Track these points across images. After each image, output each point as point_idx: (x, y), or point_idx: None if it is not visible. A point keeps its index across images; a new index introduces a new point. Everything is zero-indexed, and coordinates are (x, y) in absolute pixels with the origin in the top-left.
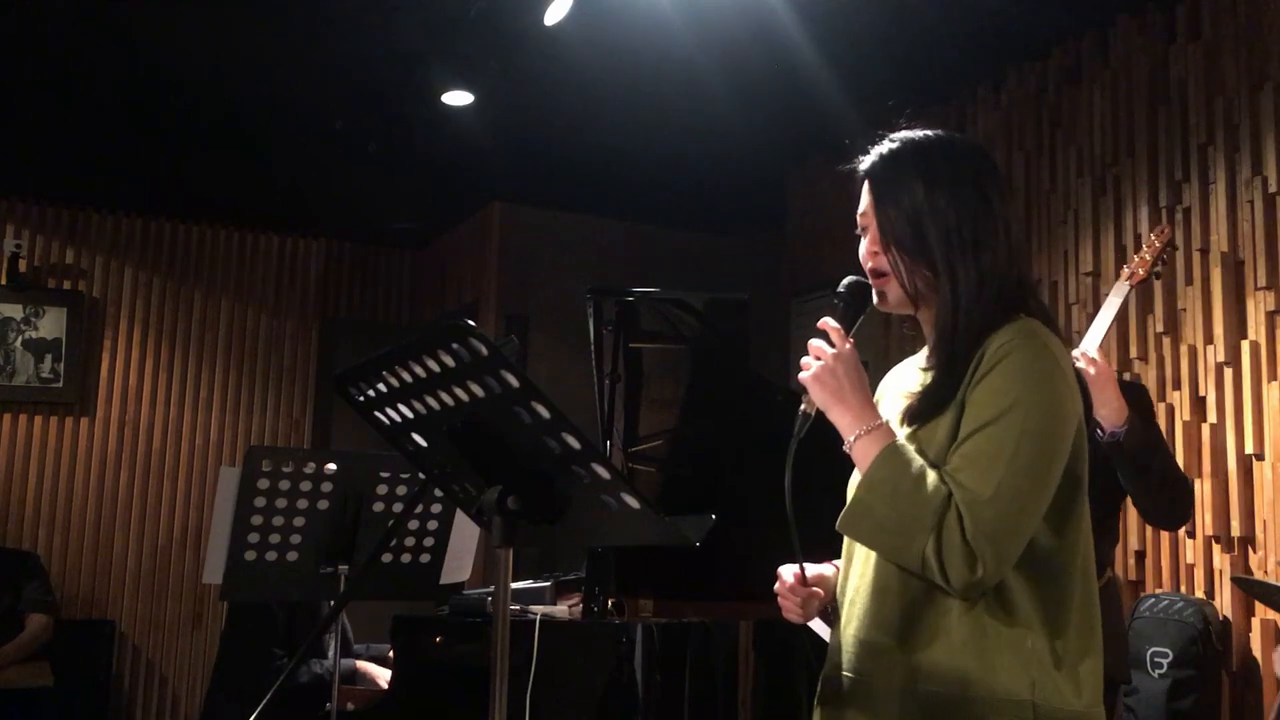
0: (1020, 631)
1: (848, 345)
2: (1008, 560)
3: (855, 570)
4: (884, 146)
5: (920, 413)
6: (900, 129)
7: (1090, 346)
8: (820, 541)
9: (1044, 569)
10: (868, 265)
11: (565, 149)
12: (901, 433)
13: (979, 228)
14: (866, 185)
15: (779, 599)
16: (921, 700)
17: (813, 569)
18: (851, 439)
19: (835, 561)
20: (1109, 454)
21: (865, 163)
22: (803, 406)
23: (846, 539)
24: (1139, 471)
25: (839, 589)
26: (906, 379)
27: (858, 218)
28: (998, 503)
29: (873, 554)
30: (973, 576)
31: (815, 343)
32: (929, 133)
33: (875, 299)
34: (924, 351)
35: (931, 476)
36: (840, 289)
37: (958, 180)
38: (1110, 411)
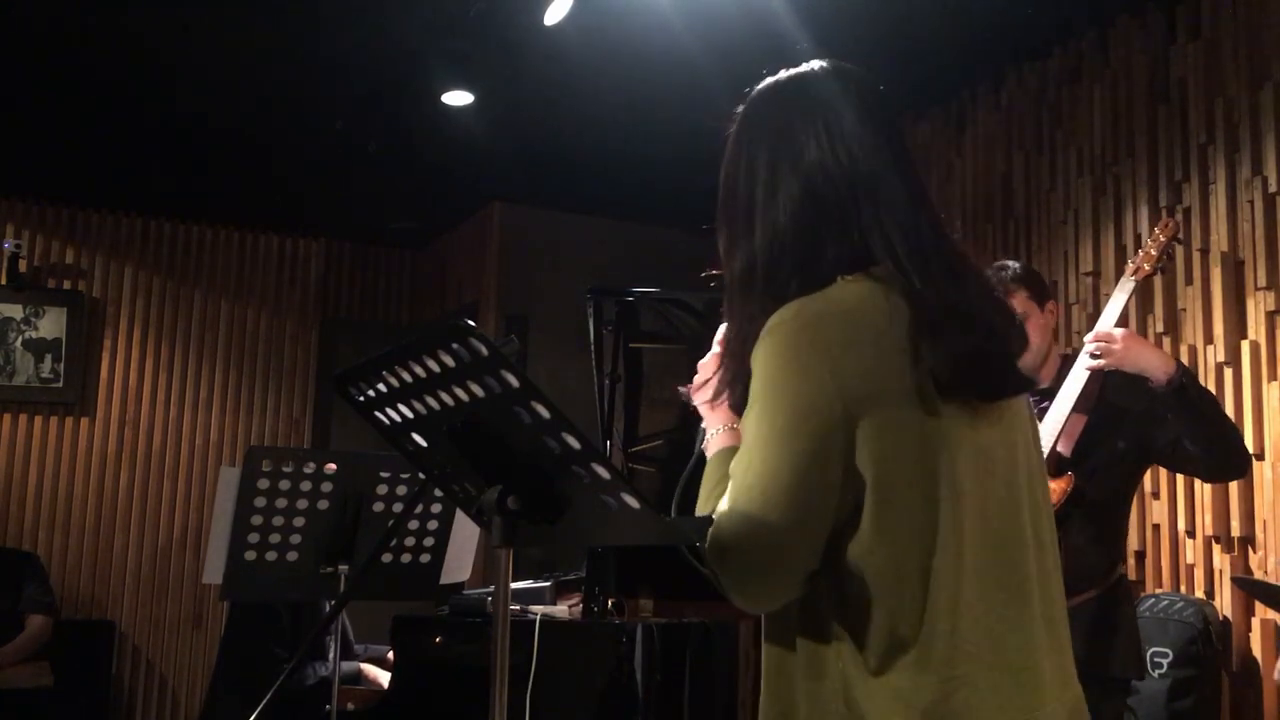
0: (817, 658)
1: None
2: (761, 576)
3: None
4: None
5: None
6: None
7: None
8: None
9: (851, 586)
10: None
11: (565, 149)
12: None
13: (760, 195)
14: None
15: None
16: None
17: None
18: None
19: None
20: (1177, 409)
21: None
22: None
23: None
24: (1211, 419)
25: None
26: None
27: None
28: (731, 519)
29: None
30: (741, 600)
31: None
32: (762, 87)
33: None
34: None
35: (717, 492)
36: None
37: (757, 140)
38: (1155, 366)
